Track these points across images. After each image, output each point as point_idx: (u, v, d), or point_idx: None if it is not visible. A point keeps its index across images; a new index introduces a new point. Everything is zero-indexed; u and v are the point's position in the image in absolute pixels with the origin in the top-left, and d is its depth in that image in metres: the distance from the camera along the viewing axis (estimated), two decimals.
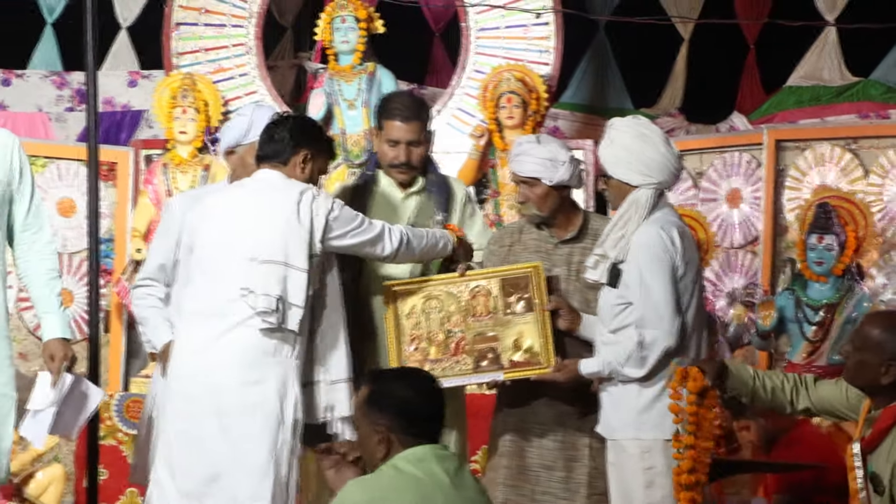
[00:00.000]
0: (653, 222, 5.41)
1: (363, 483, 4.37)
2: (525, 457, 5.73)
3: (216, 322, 5.46)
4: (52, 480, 8.11)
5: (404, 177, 6.00)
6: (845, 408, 5.07)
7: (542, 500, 5.70)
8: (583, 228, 5.80)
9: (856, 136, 9.60)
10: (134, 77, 11.64)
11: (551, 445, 5.70)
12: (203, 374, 5.45)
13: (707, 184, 9.94)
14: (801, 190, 9.48)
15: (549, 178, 5.71)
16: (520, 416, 5.76)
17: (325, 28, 9.84)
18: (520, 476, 5.73)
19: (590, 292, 5.68)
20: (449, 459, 4.40)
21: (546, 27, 10.18)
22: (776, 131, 9.84)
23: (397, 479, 4.29)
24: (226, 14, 10.27)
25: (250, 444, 5.40)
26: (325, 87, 9.78)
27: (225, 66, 10.23)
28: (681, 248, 5.39)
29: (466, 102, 10.15)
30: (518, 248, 5.84)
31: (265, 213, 5.53)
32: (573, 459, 5.67)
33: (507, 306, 5.70)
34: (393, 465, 4.34)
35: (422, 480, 4.28)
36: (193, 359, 5.51)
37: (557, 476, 5.69)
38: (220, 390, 5.42)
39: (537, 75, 9.76)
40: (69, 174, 9.78)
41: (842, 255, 8.17)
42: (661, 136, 5.52)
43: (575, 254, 5.77)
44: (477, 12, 10.27)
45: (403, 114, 5.95)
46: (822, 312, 8.15)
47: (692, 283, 5.44)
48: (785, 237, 9.50)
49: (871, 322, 4.93)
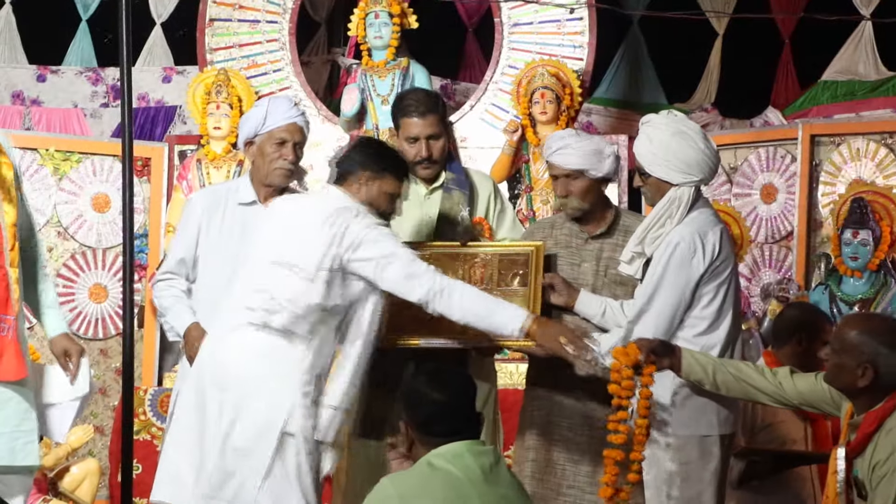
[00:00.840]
0: (690, 223, 5.35)
1: (396, 479, 4.38)
2: (552, 451, 5.73)
3: (229, 318, 5.44)
4: (87, 475, 8.14)
5: (428, 172, 5.95)
6: (828, 405, 5.05)
7: (568, 494, 5.70)
8: (613, 224, 5.79)
9: (891, 130, 9.56)
10: (168, 73, 11.68)
11: (579, 440, 5.70)
12: (211, 368, 5.42)
13: (741, 179, 9.92)
14: (835, 185, 9.45)
15: (595, 171, 5.70)
16: (547, 411, 5.75)
17: (358, 23, 9.84)
18: (546, 469, 5.72)
19: (618, 288, 5.69)
20: (485, 455, 4.40)
21: (580, 22, 10.16)
22: (811, 126, 9.81)
23: (430, 475, 4.29)
24: (260, 10, 10.30)
25: (246, 444, 5.35)
26: (359, 83, 9.78)
27: (259, 61, 10.26)
28: (718, 248, 5.35)
29: (500, 98, 10.15)
30: (549, 244, 5.81)
31: (300, 221, 5.46)
32: (601, 455, 5.66)
33: (501, 279, 5.70)
34: (427, 461, 4.35)
35: (455, 476, 4.29)
36: (205, 352, 5.50)
37: (584, 471, 5.68)
38: (224, 386, 5.35)
39: (571, 70, 9.74)
40: (104, 170, 9.82)
41: (877, 250, 8.15)
42: (699, 133, 5.46)
43: (605, 249, 5.76)
44: (510, 7, 10.27)
45: (419, 109, 5.91)
46: (856, 308, 8.13)
47: (728, 280, 5.42)
48: (819, 232, 9.46)
49: (848, 324, 4.87)
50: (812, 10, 11.50)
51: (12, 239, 5.15)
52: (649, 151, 5.40)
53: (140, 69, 11.35)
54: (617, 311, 5.58)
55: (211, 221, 5.95)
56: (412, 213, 5.89)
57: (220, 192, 6.11)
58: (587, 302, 5.66)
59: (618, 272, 5.63)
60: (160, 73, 11.70)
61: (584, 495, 5.67)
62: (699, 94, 12.13)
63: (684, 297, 5.30)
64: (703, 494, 5.34)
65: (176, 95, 11.43)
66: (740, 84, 11.91)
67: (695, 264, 5.28)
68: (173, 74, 11.63)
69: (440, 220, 5.95)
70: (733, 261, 5.49)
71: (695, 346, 5.29)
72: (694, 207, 5.39)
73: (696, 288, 5.30)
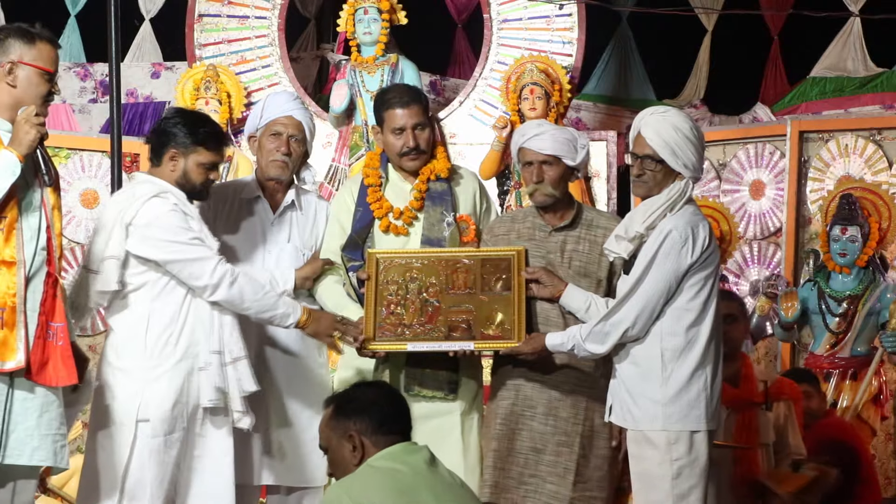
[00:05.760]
0: (682, 214, 5.43)
1: (344, 483, 4.42)
2: (515, 440, 5.75)
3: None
4: (75, 471, 8.09)
5: (416, 163, 5.96)
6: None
7: (530, 483, 5.72)
8: (576, 217, 5.85)
9: (879, 126, 9.58)
10: (157, 68, 11.66)
11: (542, 429, 5.73)
12: None
13: (730, 175, 9.94)
14: (824, 181, 9.46)
15: (570, 159, 5.77)
16: (511, 401, 5.78)
17: (347, 19, 9.85)
18: (508, 458, 5.74)
19: (582, 279, 5.74)
20: (423, 451, 4.47)
21: (569, 18, 10.17)
22: (800, 122, 9.82)
23: (375, 475, 4.35)
24: (249, 6, 10.30)
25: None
26: (348, 79, 9.80)
27: (248, 57, 10.26)
28: (708, 240, 5.41)
29: (489, 94, 10.16)
30: (512, 237, 5.88)
31: (104, 217, 5.67)
32: (563, 445, 5.69)
33: (485, 284, 5.75)
34: (368, 464, 4.40)
35: (400, 471, 4.35)
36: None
37: (546, 459, 5.71)
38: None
39: (560, 66, 9.75)
40: (92, 165, 9.81)
41: (865, 246, 8.16)
42: (701, 132, 5.59)
43: (569, 241, 5.81)
44: (500, 3, 10.27)
45: (402, 100, 5.93)
46: (845, 304, 8.14)
47: (714, 273, 5.46)
48: (808, 228, 9.48)
49: None
50: (801, 6, 11.52)
51: (60, 248, 5.20)
52: (673, 141, 5.42)
53: (129, 65, 11.34)
54: (602, 308, 5.60)
55: (217, 217, 5.97)
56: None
57: (228, 188, 6.13)
58: (573, 295, 5.68)
59: (582, 264, 5.75)
60: (149, 68, 11.68)
61: (545, 484, 5.69)
62: (688, 90, 12.15)
63: (671, 284, 5.35)
64: (693, 491, 5.37)
65: (165, 91, 11.41)
66: (729, 80, 11.93)
67: (684, 253, 5.34)
68: (162, 70, 11.61)
69: (429, 215, 5.96)
70: (718, 256, 5.55)
71: (683, 338, 5.36)
72: (690, 203, 5.49)
73: (684, 277, 5.36)
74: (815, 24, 11.31)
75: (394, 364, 5.82)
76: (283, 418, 5.91)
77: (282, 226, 6.01)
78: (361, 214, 5.93)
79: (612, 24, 12.00)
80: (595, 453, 5.72)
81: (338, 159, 9.93)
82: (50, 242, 5.12)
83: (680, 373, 5.36)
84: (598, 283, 5.75)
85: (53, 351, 5.12)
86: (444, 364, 5.77)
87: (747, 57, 12.04)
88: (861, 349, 8.09)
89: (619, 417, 5.52)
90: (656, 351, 5.39)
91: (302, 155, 6.04)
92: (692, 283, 5.38)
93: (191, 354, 5.60)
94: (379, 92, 6.39)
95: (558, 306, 5.72)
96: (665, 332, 5.38)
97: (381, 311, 5.73)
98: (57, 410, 5.20)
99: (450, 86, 11.77)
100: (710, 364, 5.40)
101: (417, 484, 4.32)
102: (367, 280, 5.75)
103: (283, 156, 5.95)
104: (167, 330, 5.60)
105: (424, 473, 4.36)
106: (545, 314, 5.74)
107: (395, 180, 6.00)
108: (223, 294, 5.56)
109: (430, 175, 5.96)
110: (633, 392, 5.43)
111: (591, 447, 5.71)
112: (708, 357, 5.39)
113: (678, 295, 5.38)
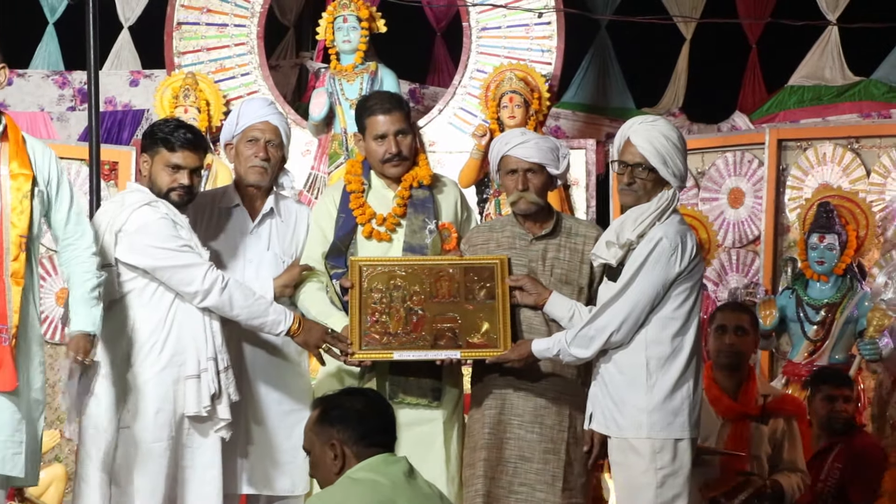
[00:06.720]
0: (671, 223, 5.47)
1: (323, 496, 4.41)
2: (504, 448, 5.76)
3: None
4: (53, 480, 8.11)
5: (398, 170, 5.96)
6: None
7: (520, 492, 5.72)
8: (556, 226, 5.86)
9: (857, 135, 9.61)
10: (136, 76, 11.63)
11: (529, 437, 5.74)
12: None
13: (709, 183, 9.95)
14: (802, 189, 9.49)
15: (554, 167, 5.80)
16: (499, 409, 5.78)
17: (326, 27, 9.85)
18: (498, 468, 5.74)
19: (564, 287, 5.76)
20: (402, 463, 4.47)
21: (548, 27, 10.19)
22: (778, 131, 9.85)
23: (355, 486, 4.34)
24: (228, 13, 10.29)
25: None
26: (327, 87, 9.79)
27: (227, 65, 10.25)
28: (695, 250, 5.46)
29: (468, 102, 10.16)
30: (491, 246, 5.89)
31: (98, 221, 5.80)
32: (550, 452, 5.70)
33: (469, 293, 5.77)
34: (347, 476, 4.39)
35: (379, 482, 4.34)
36: None
37: (535, 468, 5.72)
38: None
39: (539, 75, 9.76)
40: (70, 174, 9.77)
41: (843, 254, 8.19)
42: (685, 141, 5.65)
43: (550, 250, 5.83)
44: (479, 12, 10.28)
45: (384, 106, 5.93)
46: (823, 312, 8.16)
47: (699, 283, 5.50)
48: (786, 236, 9.50)
49: None
50: (779, 15, 11.55)
51: (16, 250, 5.17)
52: (664, 150, 5.46)
53: (107, 73, 11.29)
54: (585, 315, 5.61)
55: (196, 227, 5.95)
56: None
57: (207, 197, 6.12)
58: (557, 303, 5.70)
59: (564, 272, 5.77)
60: (127, 76, 11.64)
61: (535, 493, 5.71)
62: (667, 98, 12.17)
63: (658, 291, 5.39)
64: (677, 500, 5.39)
65: (143, 99, 11.37)
66: (708, 89, 11.95)
67: (673, 261, 5.39)
68: (140, 78, 11.58)
69: (412, 222, 5.96)
70: (703, 266, 5.58)
71: (669, 346, 5.39)
72: (676, 212, 5.55)
73: (671, 285, 5.38)
74: (793, 33, 11.34)
75: (378, 372, 5.81)
76: (263, 427, 5.90)
77: (261, 234, 6.01)
78: (344, 220, 5.92)
79: (591, 32, 12.02)
80: (579, 460, 5.73)
81: (317, 167, 9.92)
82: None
83: (665, 381, 5.39)
84: (579, 291, 5.77)
85: (2, 355, 5.10)
86: (427, 372, 5.78)
87: (726, 65, 12.08)
88: (839, 357, 8.10)
89: (601, 426, 5.54)
90: (641, 359, 5.41)
91: (280, 160, 6.04)
92: (678, 291, 5.42)
93: (176, 363, 5.61)
94: (361, 98, 6.40)
95: (542, 314, 5.74)
96: (650, 340, 5.40)
97: (366, 319, 5.73)
98: (10, 417, 5.16)
99: (429, 94, 11.77)
100: (694, 372, 5.44)
101: (396, 496, 4.31)
102: (351, 288, 5.75)
103: (261, 161, 5.95)
104: (152, 337, 5.61)
105: (403, 485, 4.36)
106: (529, 322, 5.76)
107: (377, 187, 5.99)
108: (214, 300, 5.58)
109: (412, 182, 5.96)
110: (618, 400, 5.45)
111: (576, 454, 5.72)
112: (692, 365, 5.43)
113: (664, 303, 5.41)
